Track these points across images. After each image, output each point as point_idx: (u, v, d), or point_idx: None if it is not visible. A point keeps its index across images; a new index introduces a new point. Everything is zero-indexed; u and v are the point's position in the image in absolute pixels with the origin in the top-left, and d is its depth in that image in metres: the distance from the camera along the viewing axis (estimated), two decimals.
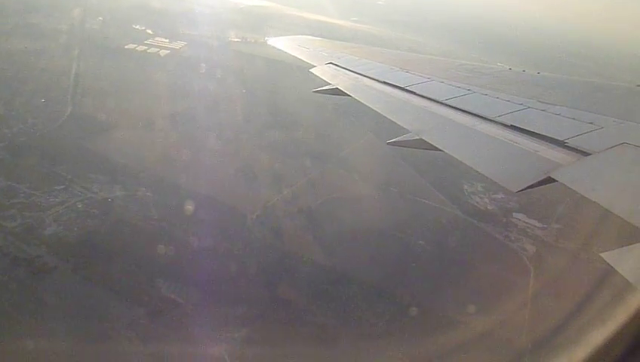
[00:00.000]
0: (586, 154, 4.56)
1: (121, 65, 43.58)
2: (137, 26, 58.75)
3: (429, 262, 22.26)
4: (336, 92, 9.23)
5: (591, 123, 5.24)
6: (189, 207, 23.47)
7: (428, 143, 6.13)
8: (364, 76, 9.53)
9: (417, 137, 6.39)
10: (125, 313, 16.41)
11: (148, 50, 50.87)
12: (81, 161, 26.65)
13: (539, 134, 5.26)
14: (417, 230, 24.25)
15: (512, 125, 5.68)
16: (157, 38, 55.55)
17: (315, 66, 10.94)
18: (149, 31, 57.77)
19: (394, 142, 6.98)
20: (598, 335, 2.48)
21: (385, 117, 7.54)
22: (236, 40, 61.55)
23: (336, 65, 10.82)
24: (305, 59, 11.64)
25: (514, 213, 28.13)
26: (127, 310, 16.60)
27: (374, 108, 8.00)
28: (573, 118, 5.56)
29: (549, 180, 4.36)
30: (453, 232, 24.83)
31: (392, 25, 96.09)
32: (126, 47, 50.81)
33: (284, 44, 13.76)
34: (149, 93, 38.43)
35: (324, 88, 9.68)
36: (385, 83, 8.70)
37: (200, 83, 42.60)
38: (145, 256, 19.79)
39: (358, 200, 27.08)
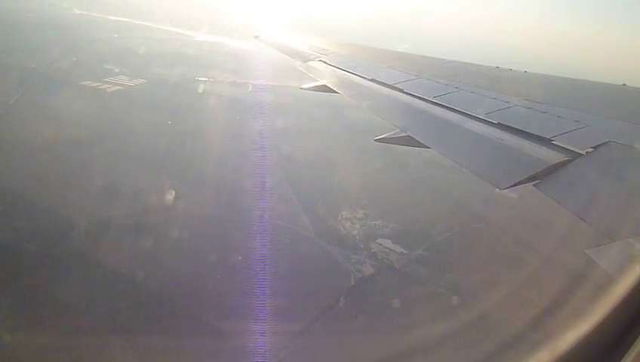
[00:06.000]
0: (571, 152, 4.57)
1: (59, 99, 43.33)
2: (108, 66, 58.56)
3: (239, 278, 21.17)
4: (324, 89, 9.21)
5: (577, 121, 5.26)
6: (20, 214, 24.13)
7: (415, 140, 6.12)
8: (353, 73, 9.51)
9: (404, 134, 6.39)
10: None
11: (100, 87, 50.84)
12: None
13: (525, 132, 5.27)
14: (249, 249, 23.09)
15: (498, 123, 5.69)
16: (119, 77, 55.24)
17: (303, 63, 10.89)
18: (116, 70, 57.61)
19: (381, 138, 6.98)
20: (569, 331, 2.48)
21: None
22: (203, 79, 60.88)
23: (324, 62, 10.80)
24: (293, 57, 11.59)
25: (379, 239, 27.24)
26: None
27: (362, 106, 7.99)
28: (560, 117, 5.58)
29: (534, 178, 4.37)
30: (289, 252, 23.87)
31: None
32: (81, 83, 50.65)
33: (272, 41, 13.70)
34: (62, 120, 38.29)
35: (311, 85, 9.65)
36: (373, 80, 8.68)
37: (123, 114, 42.61)
38: None
39: (208, 219, 26.54)
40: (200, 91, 54.82)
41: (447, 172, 39.57)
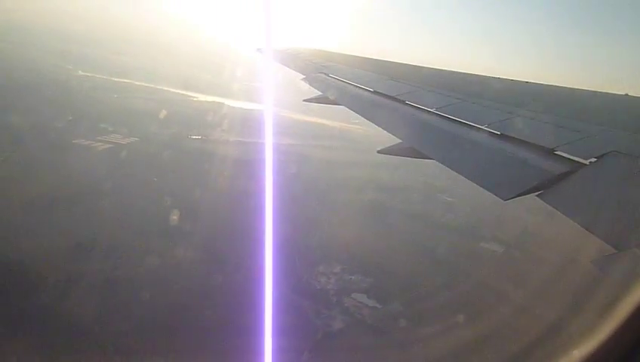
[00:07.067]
0: (574, 162, 4.56)
1: (48, 157, 43.97)
2: (103, 125, 58.77)
3: (201, 329, 21.83)
4: (326, 101, 9.24)
5: (579, 131, 5.25)
6: None
7: (417, 151, 6.11)
8: (355, 85, 9.54)
9: (407, 146, 6.38)
10: None
11: (91, 145, 51.40)
12: None
13: (528, 142, 5.26)
14: (215, 303, 23.70)
15: (501, 133, 5.68)
16: (112, 135, 55.73)
17: (305, 75, 10.94)
18: (111, 128, 57.85)
19: (384, 150, 6.98)
20: (588, 342, 2.45)
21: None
22: (196, 137, 61.34)
23: (326, 74, 10.84)
24: (295, 69, 11.65)
25: (353, 294, 27.23)
26: None
27: (364, 117, 8.00)
28: (562, 127, 5.57)
29: (537, 188, 4.36)
30: (259, 307, 23.99)
31: None
32: (73, 141, 51.32)
33: (273, 54, 13.77)
34: (46, 177, 38.64)
35: (314, 97, 9.68)
36: (374, 92, 8.71)
37: (109, 171, 42.77)
38: None
39: (178, 272, 26.65)
40: (190, 149, 55.17)
41: (434, 226, 39.86)
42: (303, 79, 10.81)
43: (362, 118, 7.92)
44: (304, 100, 10.19)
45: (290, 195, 36.94)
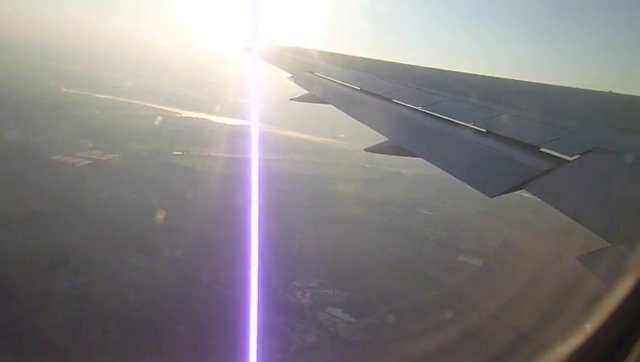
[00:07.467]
0: (559, 159, 4.57)
1: (22, 173, 43.59)
2: (84, 141, 58.07)
3: (175, 345, 22.06)
4: (313, 100, 9.20)
5: (564, 128, 5.27)
6: None
7: (404, 149, 6.11)
8: (341, 83, 9.52)
9: (394, 144, 6.37)
10: None
11: (69, 161, 50.84)
12: None
13: (513, 140, 5.27)
14: (186, 318, 24.08)
15: (487, 131, 5.69)
16: (92, 151, 55.28)
17: (292, 74, 10.89)
18: (91, 145, 57.34)
19: (371, 148, 6.96)
20: (573, 340, 2.45)
21: None
22: (177, 153, 60.98)
23: (313, 73, 10.81)
24: (282, 68, 11.59)
25: (328, 308, 27.39)
26: None
27: (351, 116, 7.97)
28: (547, 124, 5.59)
29: (523, 185, 4.36)
30: (233, 321, 21.80)
31: None
32: (51, 158, 50.66)
33: (261, 53, 13.68)
34: (15, 193, 38.38)
35: (300, 96, 9.64)
36: (361, 90, 8.69)
37: (83, 188, 42.65)
38: None
39: (150, 289, 26.72)
40: (171, 165, 54.97)
41: (413, 240, 39.99)
42: (290, 78, 10.77)
43: (348, 131, 7.88)
44: (291, 99, 10.15)
45: (271, 210, 37.18)
